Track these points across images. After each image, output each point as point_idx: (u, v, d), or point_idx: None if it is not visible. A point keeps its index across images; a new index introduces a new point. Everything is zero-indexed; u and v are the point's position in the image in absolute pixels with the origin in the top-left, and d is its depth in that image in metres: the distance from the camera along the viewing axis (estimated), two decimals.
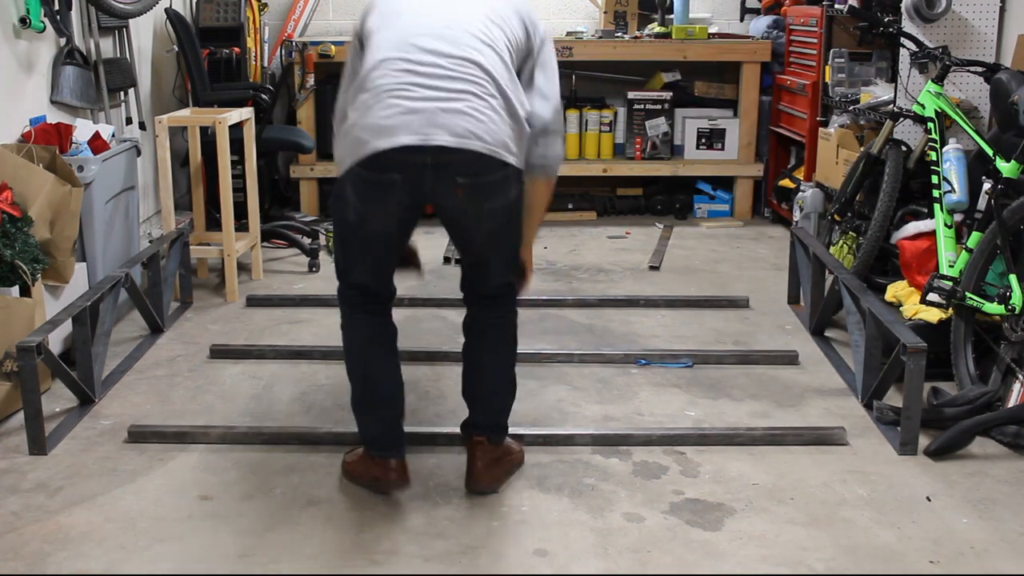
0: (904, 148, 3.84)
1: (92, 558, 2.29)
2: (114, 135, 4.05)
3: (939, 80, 3.72)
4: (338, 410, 3.07)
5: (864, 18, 4.17)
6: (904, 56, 4.04)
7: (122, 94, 4.67)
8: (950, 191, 3.51)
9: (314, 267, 4.62)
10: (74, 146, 3.68)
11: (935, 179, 3.57)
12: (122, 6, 4.20)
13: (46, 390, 3.12)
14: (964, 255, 3.31)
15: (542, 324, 3.88)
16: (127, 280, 3.45)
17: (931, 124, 3.68)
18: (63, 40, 4.03)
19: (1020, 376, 2.96)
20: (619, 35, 5.72)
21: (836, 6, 4.79)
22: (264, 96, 4.79)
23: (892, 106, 4.11)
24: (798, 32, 5.26)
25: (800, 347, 3.59)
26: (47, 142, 3.56)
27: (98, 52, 4.32)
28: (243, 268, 4.51)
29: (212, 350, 3.55)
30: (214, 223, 4.47)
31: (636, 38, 5.68)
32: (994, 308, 3.08)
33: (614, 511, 2.50)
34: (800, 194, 4.90)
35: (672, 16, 5.70)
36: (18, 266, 3.05)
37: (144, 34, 5.05)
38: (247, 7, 5.29)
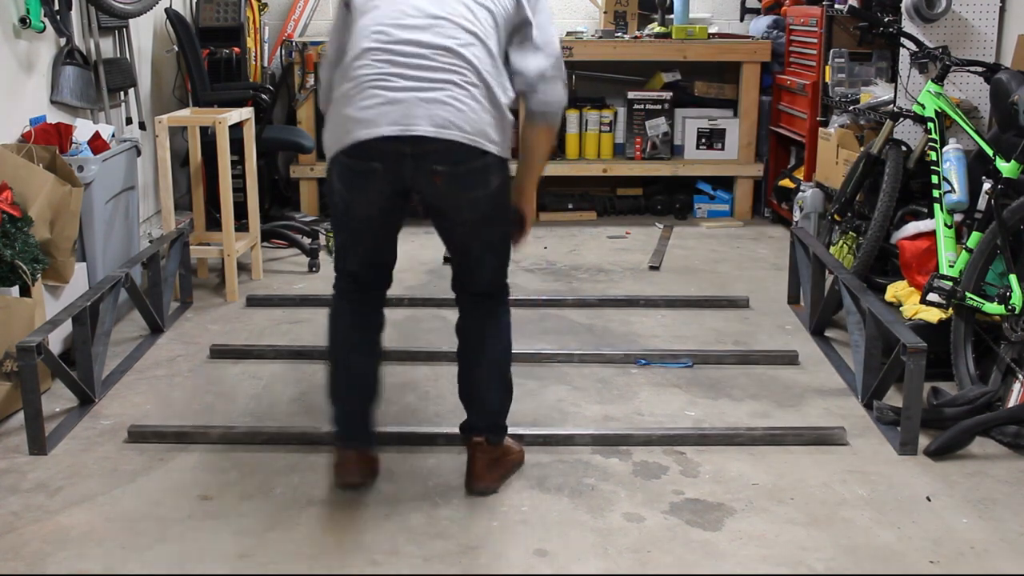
0: (904, 148, 3.84)
1: (92, 558, 2.29)
2: (114, 135, 4.05)
3: (939, 80, 3.72)
4: None
5: (864, 18, 4.16)
6: (904, 56, 4.04)
7: (122, 94, 4.67)
8: (950, 191, 3.51)
9: (314, 267, 4.62)
10: (74, 146, 3.67)
11: (935, 179, 3.57)
12: (122, 6, 4.20)
13: (46, 390, 3.12)
14: (964, 255, 3.31)
15: (542, 324, 3.88)
16: (127, 280, 3.45)
17: (931, 124, 3.68)
18: (63, 40, 4.03)
19: (1020, 376, 2.96)
20: (619, 35, 5.72)
21: (836, 6, 4.79)
22: (264, 96, 4.79)
23: (892, 106, 4.11)
24: (798, 32, 5.26)
25: (800, 347, 3.59)
26: (47, 142, 3.55)
27: (98, 52, 4.32)
28: (243, 268, 4.51)
29: (212, 350, 3.55)
30: (214, 223, 4.47)
31: (636, 38, 5.67)
32: (994, 308, 3.08)
33: (614, 511, 2.50)
34: (800, 194, 4.89)
35: (672, 16, 5.69)
36: (18, 266, 3.05)
37: (144, 34, 5.05)
38: (247, 7, 5.29)
